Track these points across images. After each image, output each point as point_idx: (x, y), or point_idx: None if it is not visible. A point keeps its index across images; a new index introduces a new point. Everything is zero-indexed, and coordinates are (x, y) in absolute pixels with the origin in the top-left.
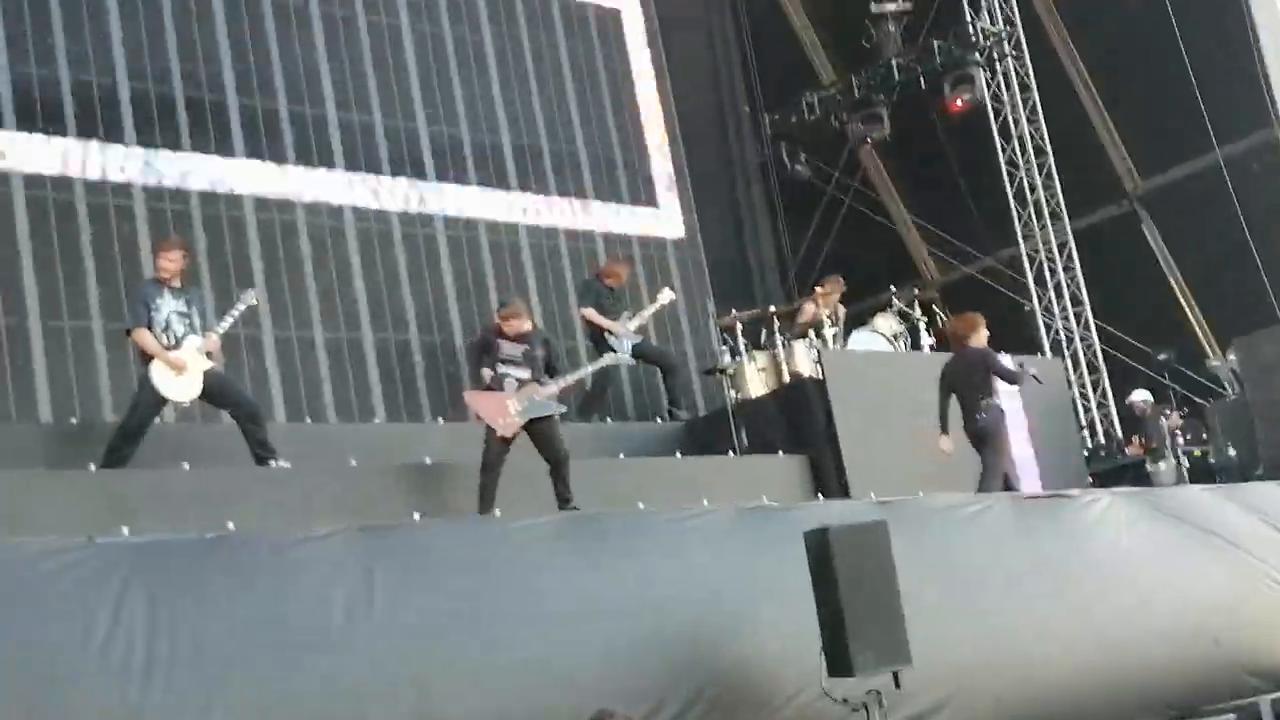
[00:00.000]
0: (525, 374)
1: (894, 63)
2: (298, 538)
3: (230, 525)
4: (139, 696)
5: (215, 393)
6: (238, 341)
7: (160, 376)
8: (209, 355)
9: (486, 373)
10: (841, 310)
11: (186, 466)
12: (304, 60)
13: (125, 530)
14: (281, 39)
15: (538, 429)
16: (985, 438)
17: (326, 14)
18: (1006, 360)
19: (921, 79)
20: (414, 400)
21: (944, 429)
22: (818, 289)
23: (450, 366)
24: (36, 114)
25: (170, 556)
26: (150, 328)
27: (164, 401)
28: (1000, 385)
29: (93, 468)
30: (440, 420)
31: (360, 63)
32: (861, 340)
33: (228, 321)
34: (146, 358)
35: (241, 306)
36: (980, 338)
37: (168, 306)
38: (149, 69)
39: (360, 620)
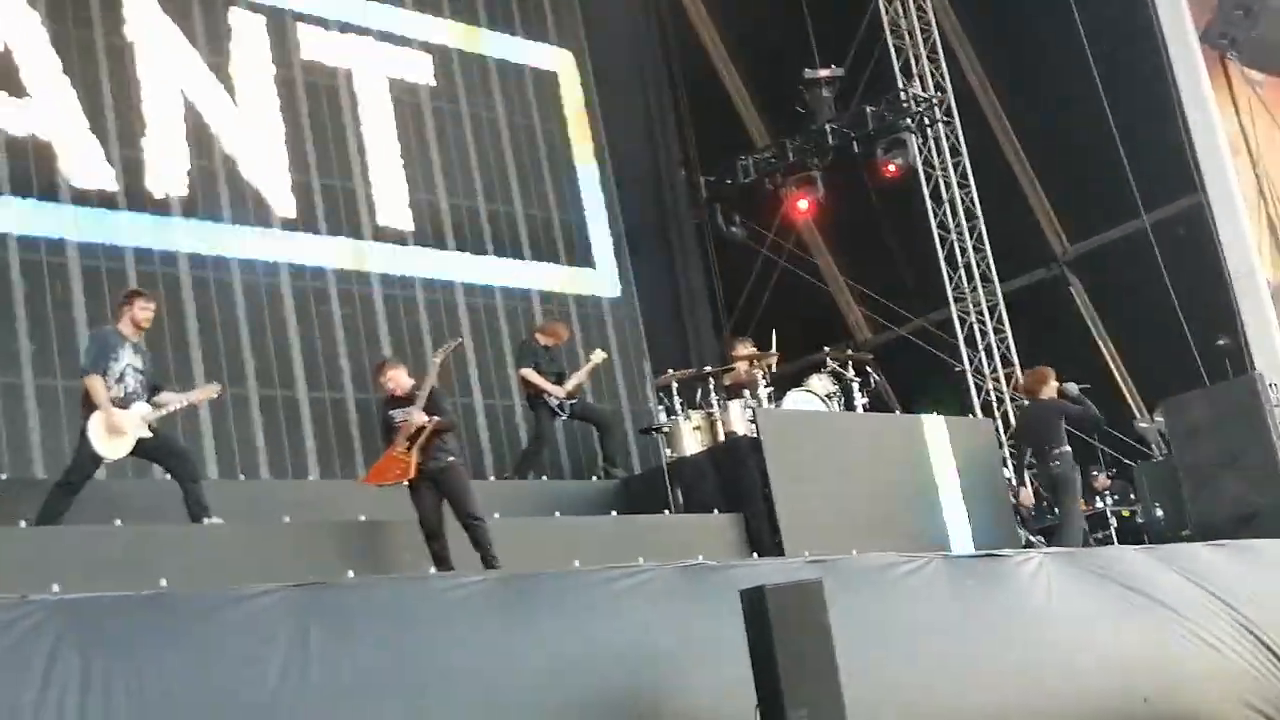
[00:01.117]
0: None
1: (827, 127)
2: (232, 596)
3: (164, 582)
4: None
5: (153, 449)
6: None
7: (95, 430)
8: (149, 426)
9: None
10: (758, 372)
11: (119, 523)
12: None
13: (56, 587)
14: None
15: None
16: (1060, 486)
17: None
18: (1077, 408)
19: (854, 143)
20: (348, 457)
21: (1021, 480)
22: (733, 352)
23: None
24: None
25: (103, 614)
26: (104, 376)
27: (99, 458)
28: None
29: (23, 524)
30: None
31: (299, 122)
32: (796, 400)
33: (179, 404)
34: (88, 406)
35: (201, 396)
36: (1050, 389)
37: (126, 359)
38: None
39: (295, 680)
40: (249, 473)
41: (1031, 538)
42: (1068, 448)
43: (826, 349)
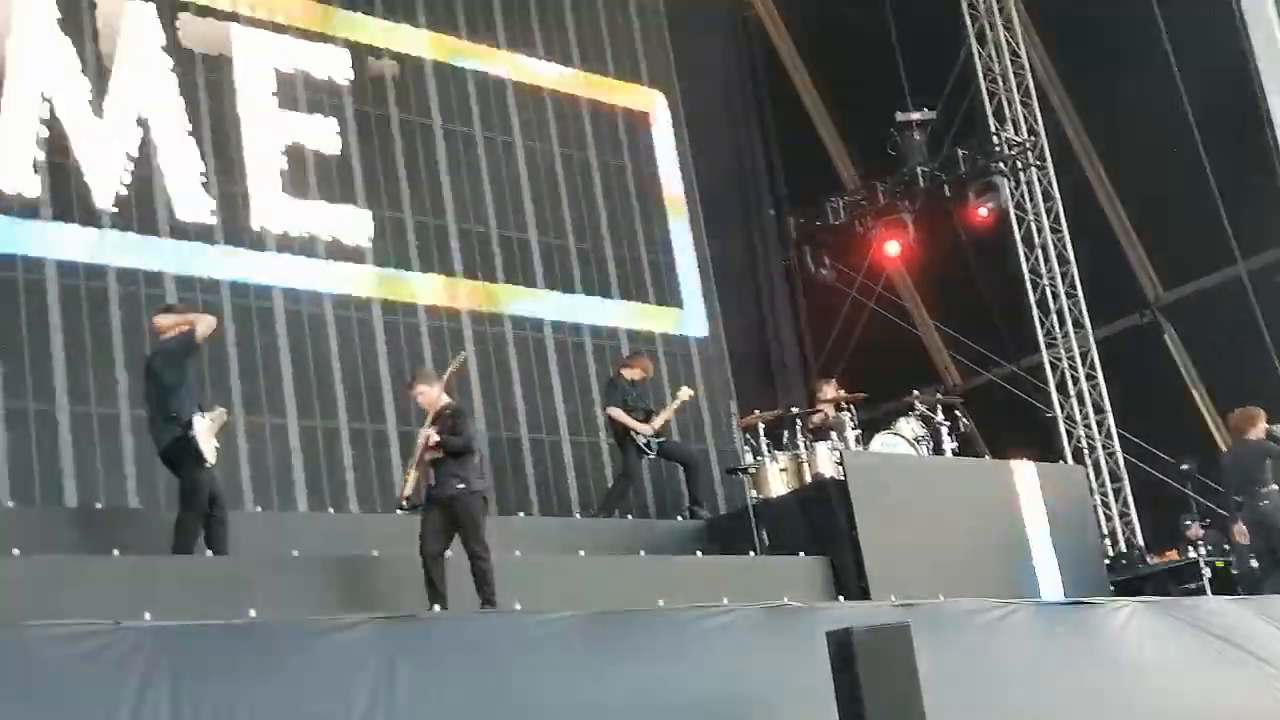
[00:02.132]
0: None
1: (918, 170)
2: (322, 626)
3: (253, 613)
4: None
5: None
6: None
7: (205, 436)
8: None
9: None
10: (845, 414)
11: (209, 553)
12: (339, 159)
13: (148, 615)
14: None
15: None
16: (1268, 526)
17: (360, 112)
18: None
19: (945, 186)
20: None
21: (1234, 516)
22: (817, 394)
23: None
24: (72, 204)
25: (195, 642)
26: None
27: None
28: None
29: (116, 553)
30: None
31: (391, 163)
32: (884, 443)
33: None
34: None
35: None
36: (1259, 430)
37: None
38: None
39: (381, 712)
40: (338, 506)
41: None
42: (1275, 486)
43: (915, 392)
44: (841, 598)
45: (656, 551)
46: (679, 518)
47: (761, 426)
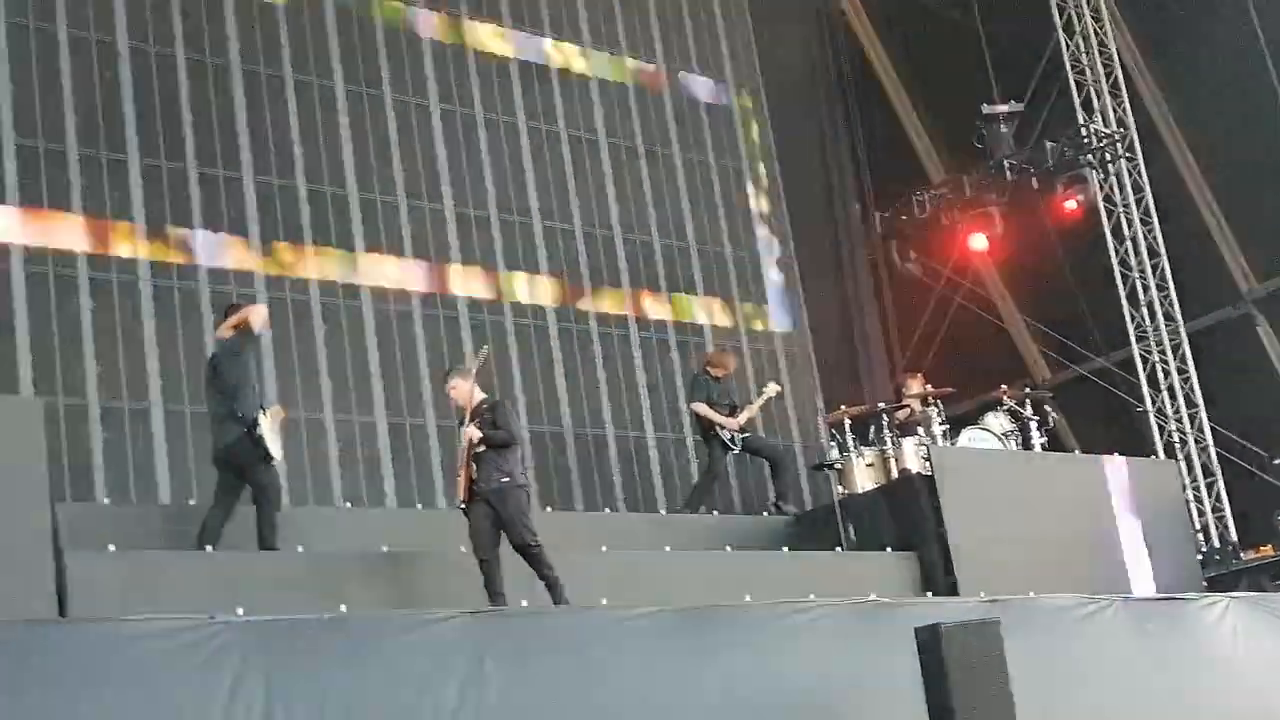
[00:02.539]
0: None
1: (1006, 163)
2: (412, 620)
3: (343, 607)
4: None
5: None
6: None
7: (270, 434)
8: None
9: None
10: (933, 410)
11: (300, 549)
12: (422, 156)
13: (240, 610)
14: (402, 136)
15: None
16: None
17: (446, 111)
18: None
19: (1034, 179)
20: None
21: None
22: (903, 389)
23: (559, 457)
24: (165, 206)
25: (287, 636)
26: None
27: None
28: None
29: (209, 548)
30: (548, 509)
31: (477, 160)
32: (972, 438)
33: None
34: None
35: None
36: None
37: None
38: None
39: (471, 705)
40: (425, 502)
41: None
42: None
43: (1003, 387)
44: (929, 594)
45: (742, 547)
46: (765, 513)
47: (848, 422)
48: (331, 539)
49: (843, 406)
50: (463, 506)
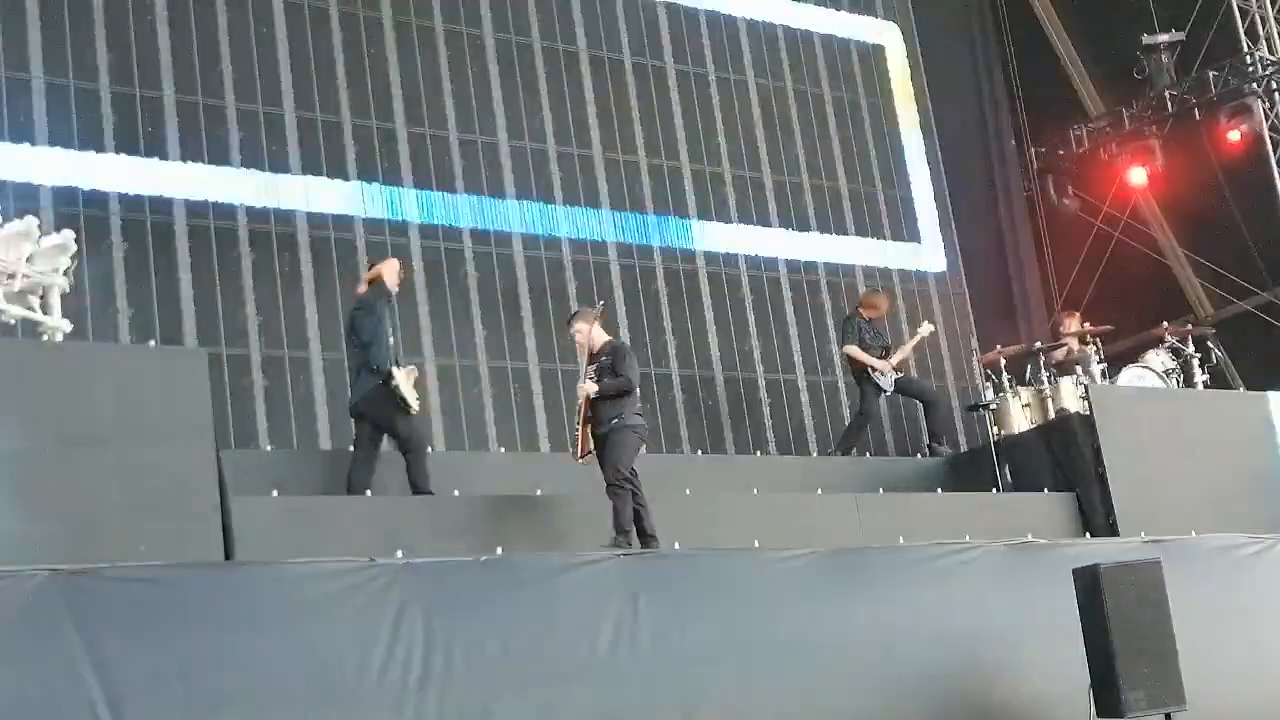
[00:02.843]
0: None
1: (1166, 94)
2: (567, 562)
3: (499, 550)
4: (414, 712)
5: None
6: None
7: (406, 385)
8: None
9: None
10: (1091, 348)
11: (456, 493)
12: (571, 103)
13: (399, 553)
14: (551, 83)
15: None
16: None
17: (595, 58)
18: None
19: (1195, 110)
20: (673, 433)
21: None
22: (1060, 327)
23: (709, 400)
24: (321, 159)
25: (446, 578)
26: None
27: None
28: None
29: (369, 493)
30: (699, 453)
31: (626, 107)
32: (1132, 376)
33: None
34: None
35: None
36: None
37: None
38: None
39: (626, 645)
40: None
41: None
42: None
43: (1165, 324)
44: (1088, 534)
45: (895, 489)
46: (919, 455)
47: (1003, 362)
48: (488, 483)
49: (998, 346)
50: (582, 461)
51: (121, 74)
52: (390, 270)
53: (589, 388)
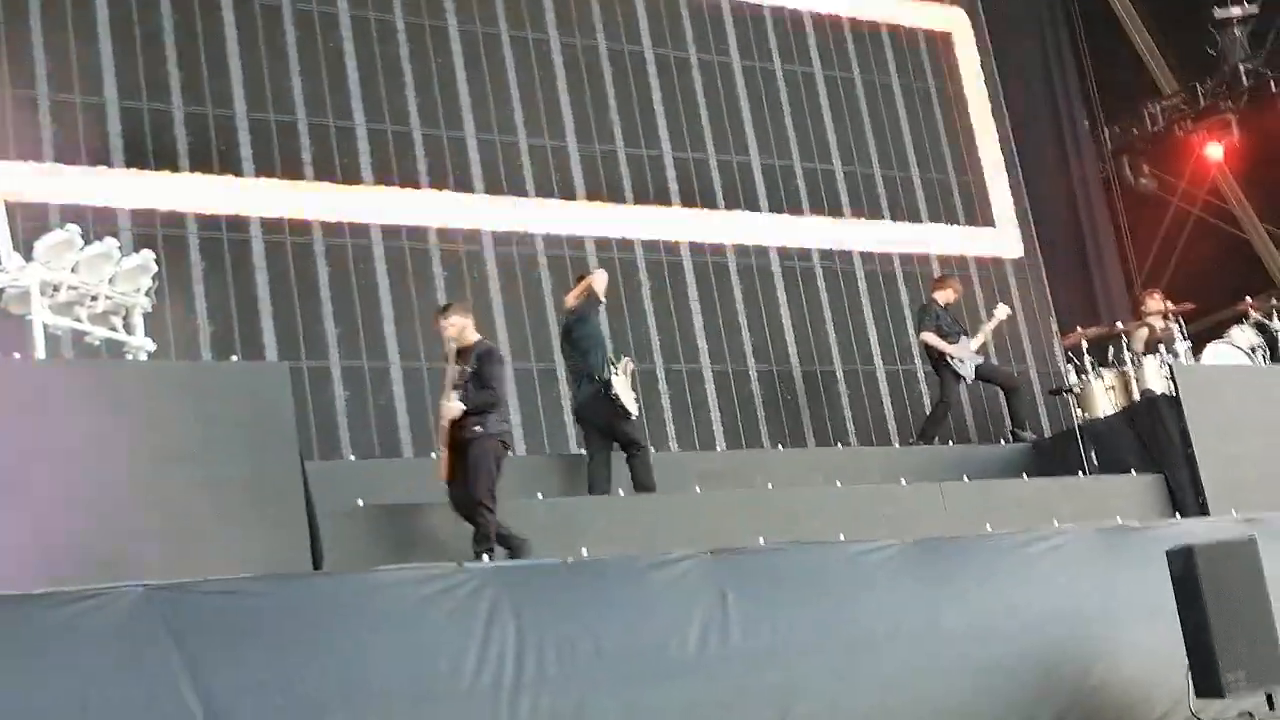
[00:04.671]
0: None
1: (1241, 68)
2: (653, 562)
3: (584, 551)
4: (509, 714)
5: None
6: None
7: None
8: None
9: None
10: (1174, 327)
11: (540, 496)
12: (639, 104)
13: (486, 558)
14: (618, 86)
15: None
16: None
17: (660, 57)
18: None
19: (1271, 82)
20: (752, 429)
21: None
22: (1142, 307)
23: (787, 394)
24: (393, 169)
25: (533, 580)
26: None
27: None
28: None
29: (540, 495)
30: (779, 447)
31: (692, 102)
32: (1217, 354)
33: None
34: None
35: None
36: None
37: None
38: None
39: (716, 642)
40: (658, 444)
41: None
42: None
43: (1248, 300)
44: (1178, 515)
45: (980, 476)
46: (1002, 441)
47: (1085, 344)
48: (571, 485)
49: (1079, 329)
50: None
51: (193, 94)
52: (600, 281)
53: (454, 409)
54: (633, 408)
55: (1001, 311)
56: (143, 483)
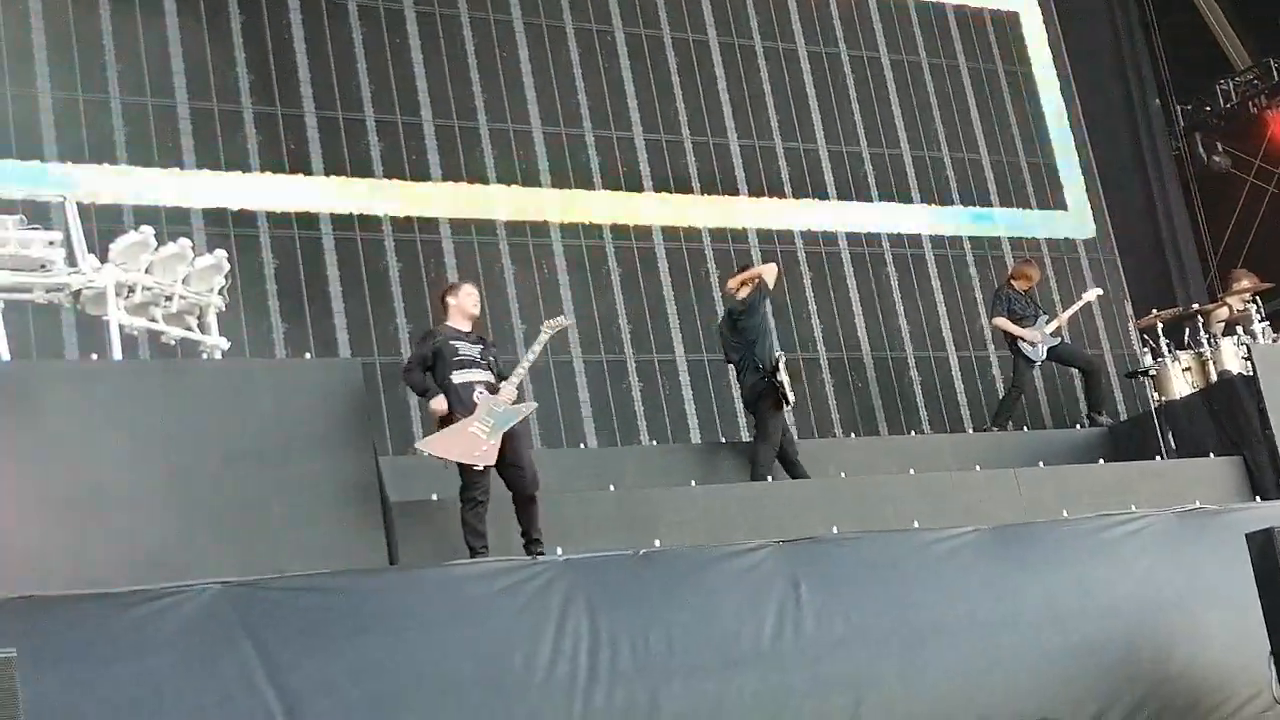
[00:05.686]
0: (487, 376)
1: None
2: (725, 552)
3: (657, 542)
4: (583, 707)
5: None
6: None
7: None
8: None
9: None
10: (1252, 307)
11: (612, 488)
12: (704, 91)
13: (559, 550)
14: (683, 72)
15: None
16: None
17: (724, 44)
18: None
19: None
20: (824, 417)
21: None
22: (1234, 284)
23: (858, 382)
24: (461, 164)
25: (606, 572)
26: None
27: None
28: None
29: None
30: (852, 436)
31: (759, 92)
32: None
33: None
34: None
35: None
36: None
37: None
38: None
39: (790, 632)
40: (729, 435)
41: None
42: None
43: None
44: (1258, 498)
45: (1056, 461)
46: (1077, 426)
47: (1160, 326)
48: (643, 476)
49: (1155, 310)
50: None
51: (262, 94)
52: (770, 273)
53: (508, 393)
54: (791, 397)
55: (1091, 293)
56: (219, 481)
